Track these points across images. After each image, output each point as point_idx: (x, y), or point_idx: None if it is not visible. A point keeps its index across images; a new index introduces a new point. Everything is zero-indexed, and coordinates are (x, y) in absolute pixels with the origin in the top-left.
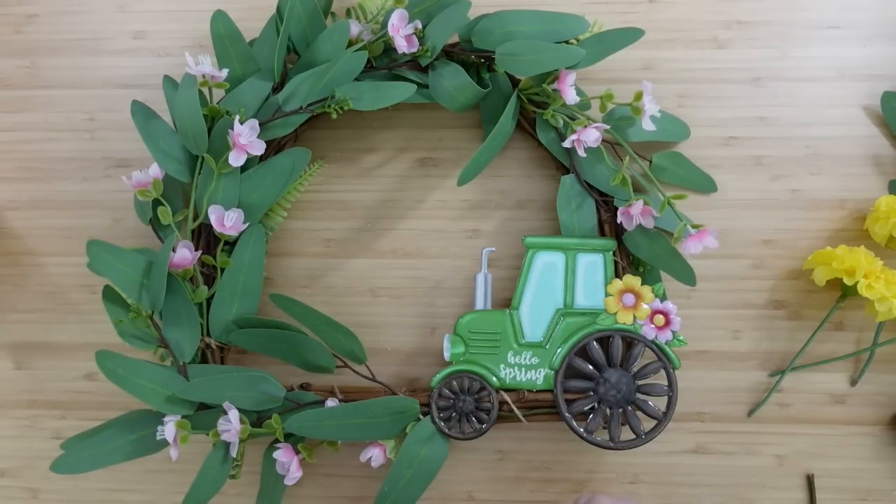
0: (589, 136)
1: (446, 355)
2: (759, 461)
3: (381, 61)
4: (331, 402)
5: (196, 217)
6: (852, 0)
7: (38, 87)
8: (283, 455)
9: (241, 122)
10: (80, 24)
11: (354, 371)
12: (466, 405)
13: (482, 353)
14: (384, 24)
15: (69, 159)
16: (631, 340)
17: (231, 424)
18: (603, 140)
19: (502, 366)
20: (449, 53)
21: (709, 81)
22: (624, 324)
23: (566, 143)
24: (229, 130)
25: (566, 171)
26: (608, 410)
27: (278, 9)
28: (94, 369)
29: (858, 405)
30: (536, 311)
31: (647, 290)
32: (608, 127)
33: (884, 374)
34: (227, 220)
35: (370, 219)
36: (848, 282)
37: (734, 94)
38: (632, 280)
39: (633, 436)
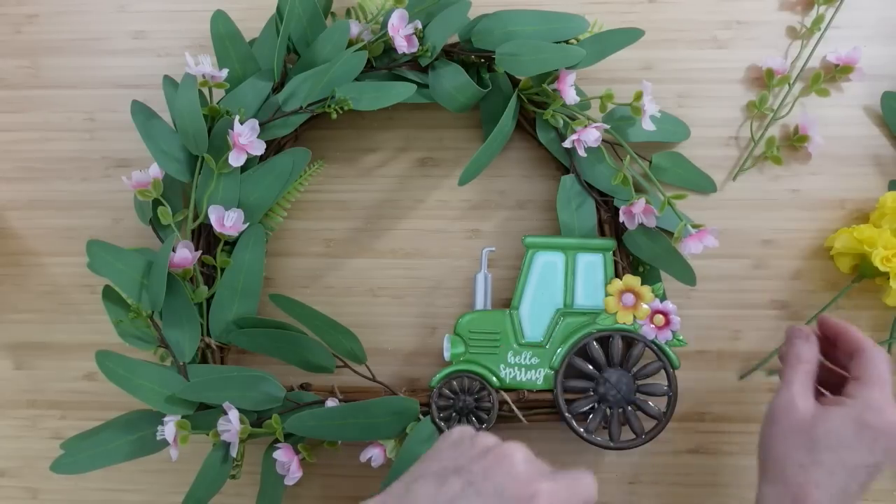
0: (589, 136)
1: (446, 355)
2: None
3: (381, 61)
4: (331, 402)
5: (196, 217)
6: (852, 0)
7: (38, 87)
8: (283, 455)
9: (241, 122)
10: (80, 24)
11: (354, 371)
12: (466, 405)
13: (482, 353)
14: (384, 24)
15: (69, 159)
16: (631, 340)
17: (231, 424)
18: (603, 140)
19: (502, 366)
20: (449, 53)
21: (709, 81)
22: (624, 324)
23: (566, 143)
24: (229, 130)
25: (566, 171)
26: (608, 410)
27: (278, 9)
28: (94, 369)
29: None
30: (536, 311)
31: (647, 290)
32: (608, 127)
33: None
34: (227, 220)
35: (370, 219)
36: (868, 248)
37: (734, 94)
38: (632, 280)
39: (633, 436)
